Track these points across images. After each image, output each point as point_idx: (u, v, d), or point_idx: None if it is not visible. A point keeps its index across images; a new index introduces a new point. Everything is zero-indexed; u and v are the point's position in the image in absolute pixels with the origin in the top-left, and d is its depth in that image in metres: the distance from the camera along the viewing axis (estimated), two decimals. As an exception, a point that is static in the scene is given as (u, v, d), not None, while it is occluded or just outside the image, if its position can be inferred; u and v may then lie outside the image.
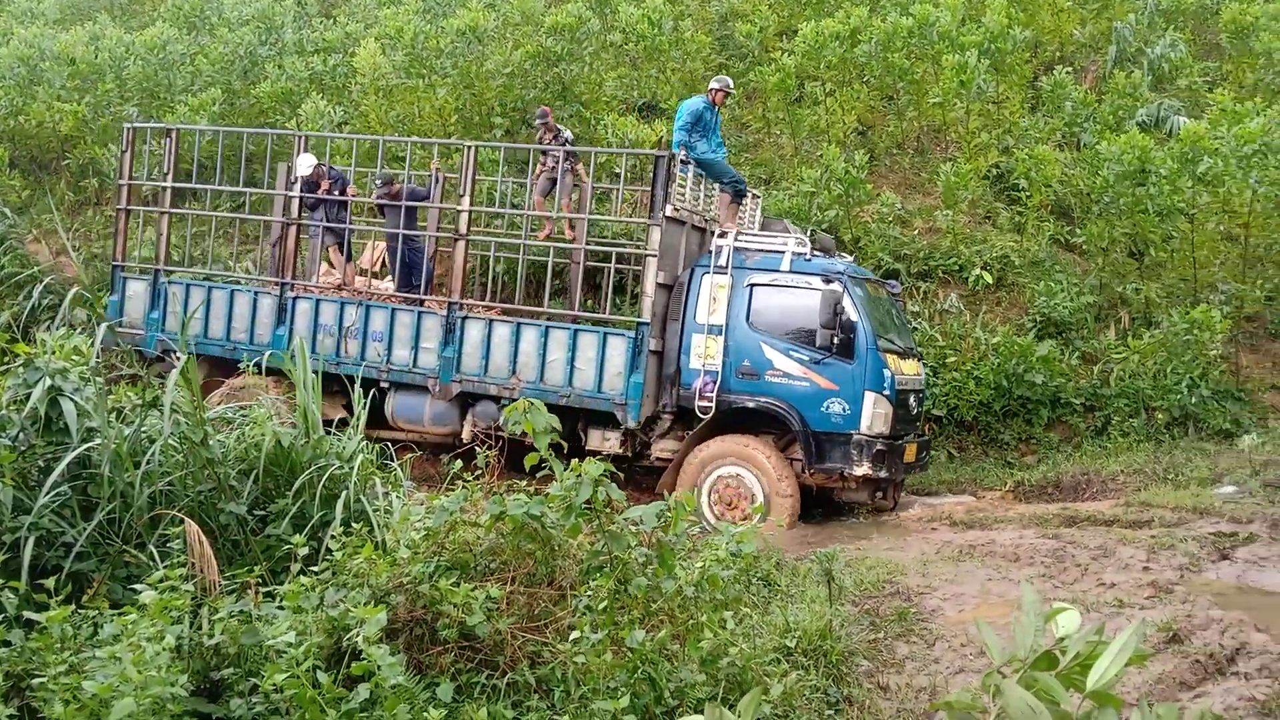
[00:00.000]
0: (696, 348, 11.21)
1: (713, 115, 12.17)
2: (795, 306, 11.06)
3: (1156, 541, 8.63)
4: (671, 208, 11.16)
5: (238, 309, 12.86)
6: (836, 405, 10.74)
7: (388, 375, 12.05)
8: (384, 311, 12.26)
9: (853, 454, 10.65)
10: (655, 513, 4.66)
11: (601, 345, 11.27)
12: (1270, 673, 5.43)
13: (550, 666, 4.41)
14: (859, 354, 10.80)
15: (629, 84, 18.53)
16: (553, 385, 11.36)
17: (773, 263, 11.26)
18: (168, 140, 13.66)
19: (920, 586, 7.63)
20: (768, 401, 10.99)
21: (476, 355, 11.71)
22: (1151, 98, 17.92)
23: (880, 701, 5.15)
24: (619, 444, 11.41)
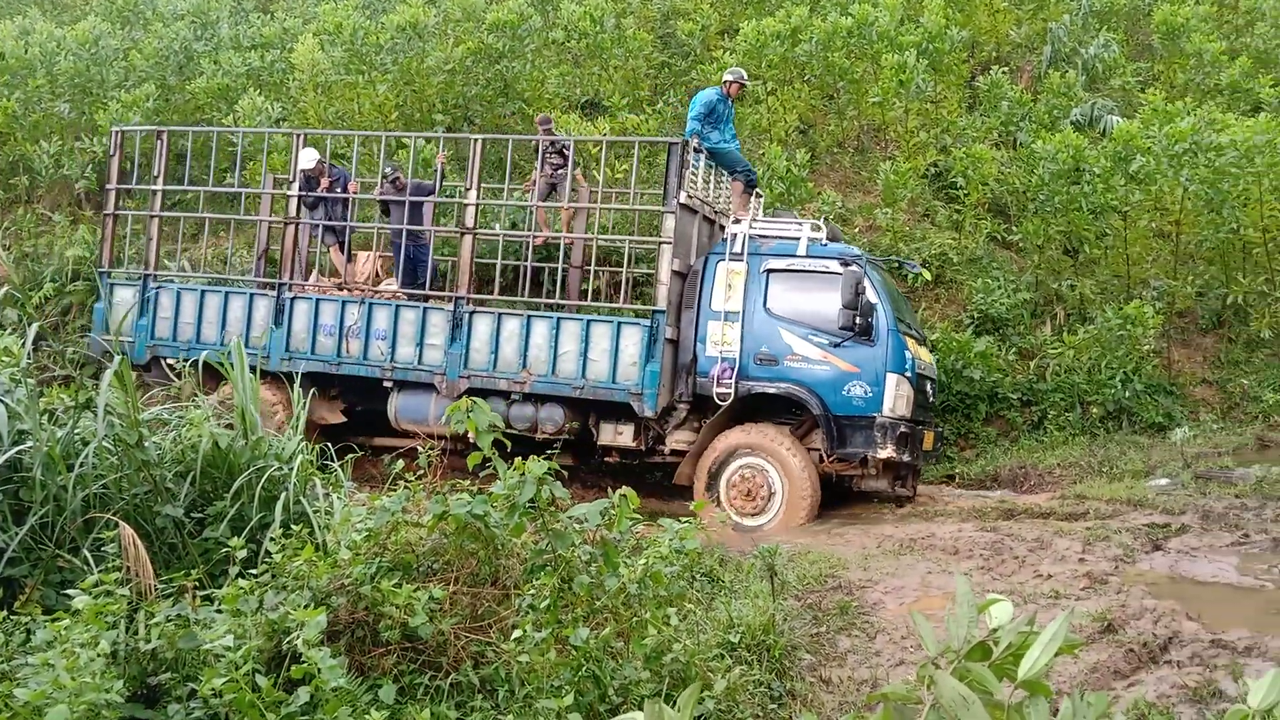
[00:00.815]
0: (713, 335, 11.07)
1: (726, 107, 12.12)
2: (813, 291, 10.95)
3: (1092, 533, 8.80)
4: (685, 194, 11.09)
5: (232, 312, 12.49)
6: (858, 388, 10.62)
7: (392, 374, 11.79)
8: (387, 309, 11.99)
9: (876, 437, 10.51)
10: (599, 510, 4.67)
11: (616, 335, 11.08)
12: (1201, 660, 5.57)
13: (494, 666, 4.40)
14: (879, 336, 10.70)
15: (571, 82, 18.50)
16: (565, 378, 11.17)
17: (788, 248, 11.16)
18: (159, 142, 13.23)
19: (862, 580, 7.71)
20: (787, 387, 10.85)
21: (485, 350, 11.49)
22: (1085, 97, 18.26)
23: (823, 695, 5.20)
24: (632, 437, 11.29)
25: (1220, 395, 14.76)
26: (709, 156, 11.76)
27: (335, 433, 11.62)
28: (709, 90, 12.25)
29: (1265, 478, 11.13)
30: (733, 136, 12.38)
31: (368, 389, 12.07)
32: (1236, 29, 20.35)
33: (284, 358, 12.07)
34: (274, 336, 12.18)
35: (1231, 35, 19.97)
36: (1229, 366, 15.13)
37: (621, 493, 4.78)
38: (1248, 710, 1.62)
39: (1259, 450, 12.73)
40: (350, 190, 12.96)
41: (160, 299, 12.75)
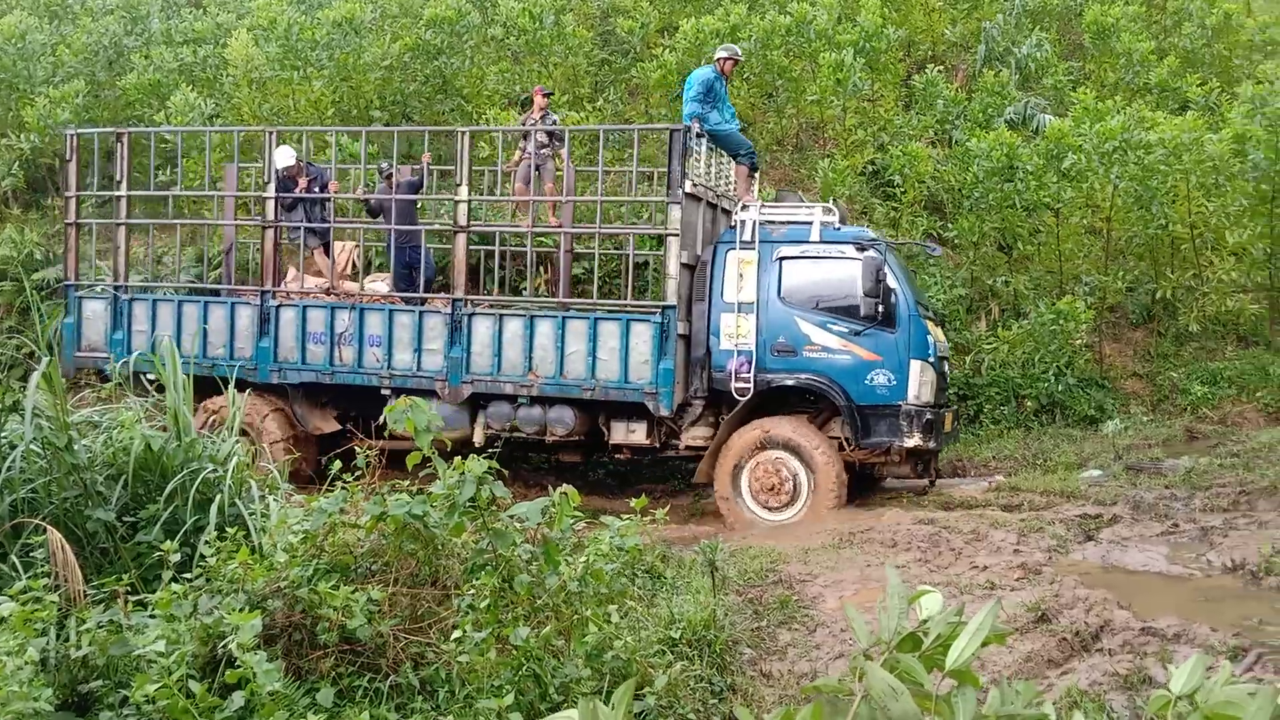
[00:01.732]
0: (726, 328, 10.69)
1: (722, 85, 11.71)
2: (829, 277, 10.63)
3: (1026, 525, 8.97)
4: (690, 183, 10.67)
5: (213, 323, 11.97)
6: (881, 376, 10.31)
7: (390, 381, 11.34)
8: (380, 314, 11.53)
9: (902, 426, 10.22)
10: (540, 509, 4.66)
11: (625, 333, 10.67)
12: (1132, 648, 5.69)
13: (434, 667, 4.37)
14: (901, 321, 10.39)
15: (511, 78, 18.42)
16: (574, 379, 10.79)
17: (801, 234, 10.79)
18: (119, 145, 12.47)
19: (802, 574, 7.78)
20: (808, 378, 10.53)
21: (487, 353, 11.08)
22: (1019, 96, 18.55)
23: (763, 689, 5.24)
24: (645, 435, 10.94)
25: (1150, 388, 15.10)
26: (710, 139, 11.34)
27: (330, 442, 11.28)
28: (703, 69, 11.84)
29: (1194, 469, 11.41)
30: (732, 116, 12.00)
31: (362, 396, 11.64)
32: (1165, 29, 20.81)
33: (273, 369, 11.68)
34: (260, 347, 11.73)
35: (1160, 35, 20.42)
36: (1158, 360, 15.49)
37: (562, 491, 4.77)
38: (1170, 695, 1.66)
39: (1188, 442, 13.06)
40: (330, 189, 12.54)
41: (134, 311, 12.21)
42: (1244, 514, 9.32)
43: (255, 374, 11.62)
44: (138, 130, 14.27)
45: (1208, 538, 8.50)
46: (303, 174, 12.48)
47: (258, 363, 11.70)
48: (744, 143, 12.03)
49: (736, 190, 11.94)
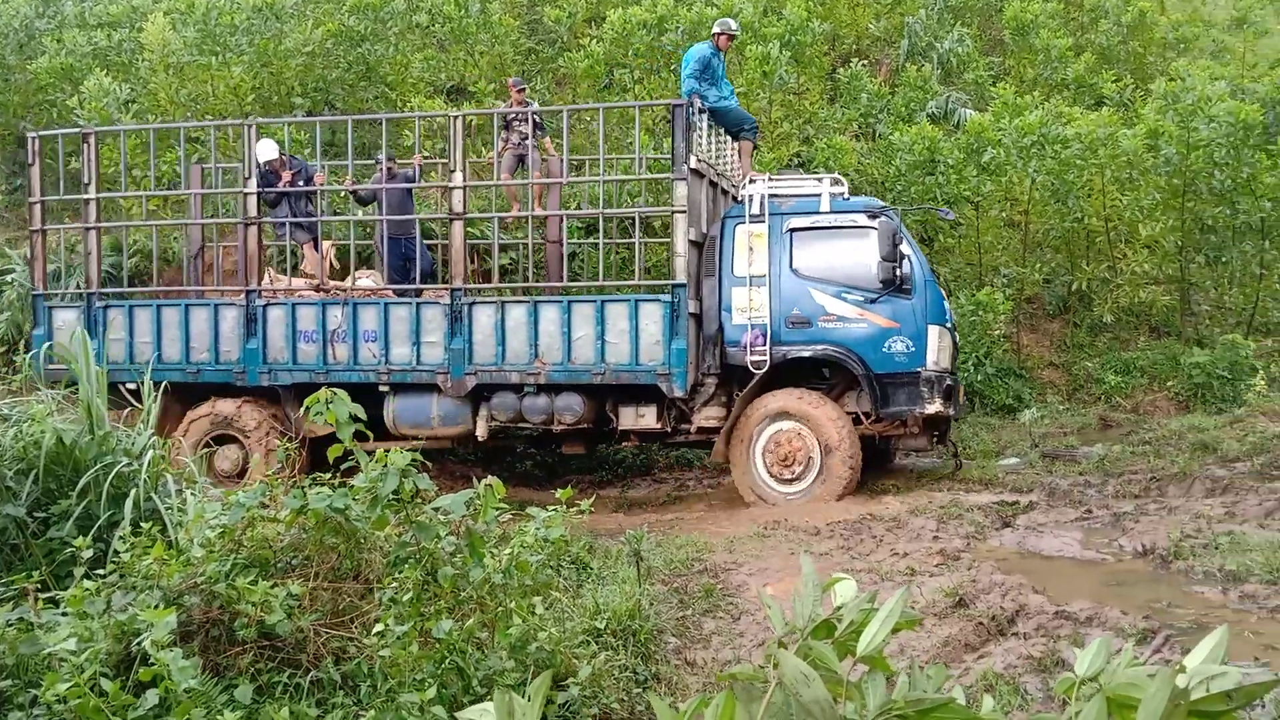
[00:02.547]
0: (738, 302, 10.56)
1: (719, 61, 11.54)
2: (842, 247, 10.51)
3: (945, 512, 9.14)
4: (695, 159, 10.53)
5: (195, 326, 11.54)
6: (899, 344, 10.22)
7: (388, 377, 11.04)
8: (375, 308, 11.18)
9: (922, 392, 10.13)
10: (464, 501, 4.63)
11: (634, 314, 10.46)
12: (1046, 632, 5.83)
13: (356, 662, 4.33)
14: (917, 287, 10.32)
15: (436, 66, 18.23)
16: (583, 364, 10.55)
17: (810, 205, 10.72)
18: (85, 146, 11.94)
19: (727, 563, 7.84)
20: (824, 349, 10.43)
21: (490, 343, 10.80)
22: (940, 90, 18.85)
23: (687, 677, 5.27)
24: (655, 419, 10.75)
25: (1066, 378, 15.46)
26: (710, 116, 11.15)
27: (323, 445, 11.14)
28: (699, 45, 11.65)
29: (1107, 456, 11.73)
30: (731, 92, 11.87)
31: (357, 395, 11.37)
32: (1082, 26, 21.30)
33: (262, 371, 11.31)
34: (248, 349, 11.36)
35: (1078, 32, 20.89)
36: (1074, 350, 15.87)
37: (487, 482, 4.75)
38: (1075, 678, 1.70)
39: (1101, 430, 13.41)
40: (317, 183, 12.10)
41: (110, 319, 11.74)
42: (1154, 500, 9.60)
43: (244, 377, 11.31)
44: (105, 129, 13.76)
45: (1120, 523, 8.73)
46: (286, 167, 12.03)
47: (246, 365, 11.33)
48: (746, 117, 11.90)
49: (740, 165, 11.82)
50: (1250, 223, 15.55)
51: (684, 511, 10.65)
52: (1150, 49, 20.97)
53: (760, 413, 10.40)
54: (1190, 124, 14.80)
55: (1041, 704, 4.76)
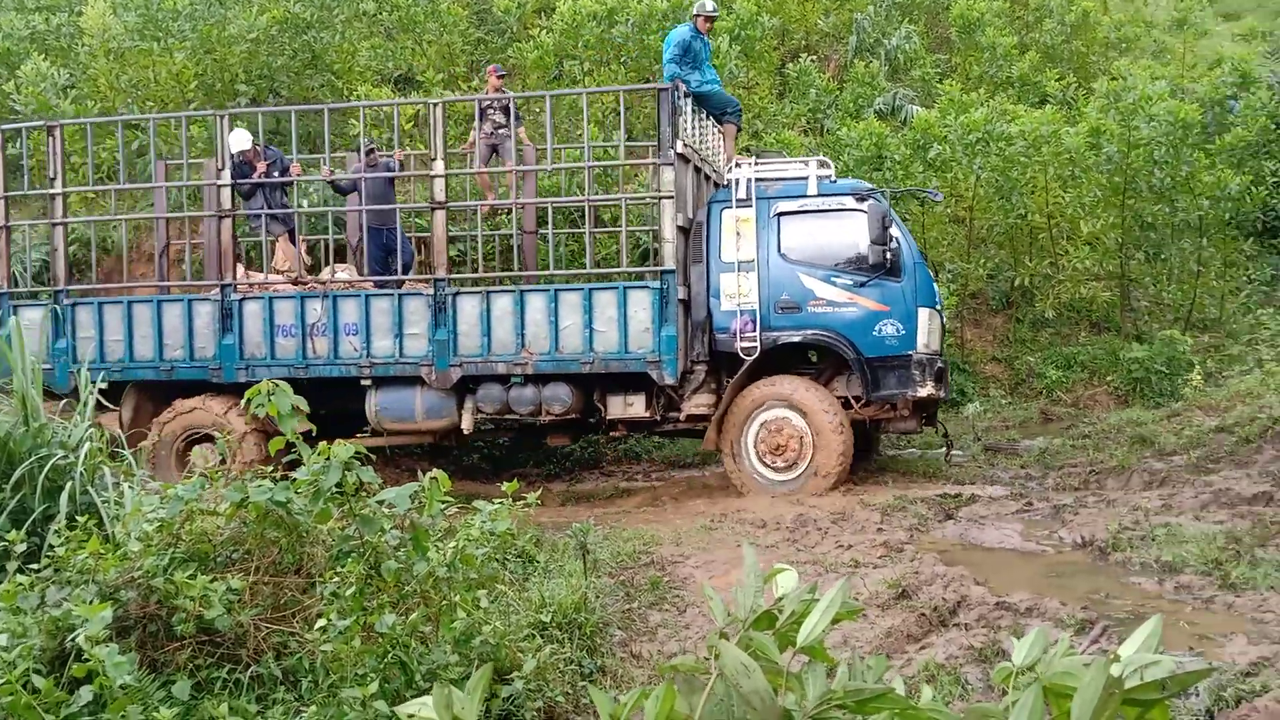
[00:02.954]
0: (727, 288, 10.46)
1: (701, 44, 11.35)
2: (830, 230, 10.45)
3: (889, 505, 9.22)
4: (681, 144, 10.39)
5: (168, 323, 11.23)
6: (889, 327, 10.17)
7: (371, 371, 10.83)
8: (356, 300, 10.95)
9: (914, 375, 10.12)
10: (409, 494, 4.59)
11: (622, 301, 10.33)
12: (987, 622, 5.90)
13: (297, 657, 4.28)
14: (906, 270, 10.28)
15: (383, 55, 18.05)
16: (571, 353, 10.43)
17: (798, 189, 10.60)
18: (50, 140, 11.57)
19: (674, 556, 7.87)
20: (815, 333, 10.39)
21: (475, 333, 10.64)
22: (888, 87, 19.01)
23: (633, 670, 5.27)
24: (644, 407, 10.64)
25: (1009, 372, 15.67)
26: (694, 101, 11.01)
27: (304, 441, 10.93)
28: (680, 29, 11.47)
29: (1047, 449, 11.91)
30: (714, 76, 11.69)
31: (334, 389, 11.08)
32: (1027, 25, 21.58)
33: (239, 368, 11.04)
34: (224, 345, 11.09)
35: (1022, 31, 21.17)
36: (1016, 345, 16.09)
37: (432, 475, 4.71)
38: (1013, 667, 1.71)
39: (1042, 423, 13.61)
40: (293, 173, 11.79)
41: (78, 317, 11.43)
42: (1094, 492, 9.77)
43: (220, 374, 11.07)
44: (70, 122, 13.35)
45: (1060, 515, 8.87)
46: (260, 158, 11.72)
47: (222, 362, 11.07)
48: (730, 101, 11.78)
49: (724, 150, 11.74)
50: (1188, 220, 15.86)
51: (632, 504, 10.65)
52: (1093, 48, 21.30)
53: (750, 400, 10.35)
54: (1131, 123, 15.05)
55: (982, 694, 4.82)
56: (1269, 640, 5.28)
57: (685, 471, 12.68)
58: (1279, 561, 6.69)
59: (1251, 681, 4.71)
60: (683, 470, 12.75)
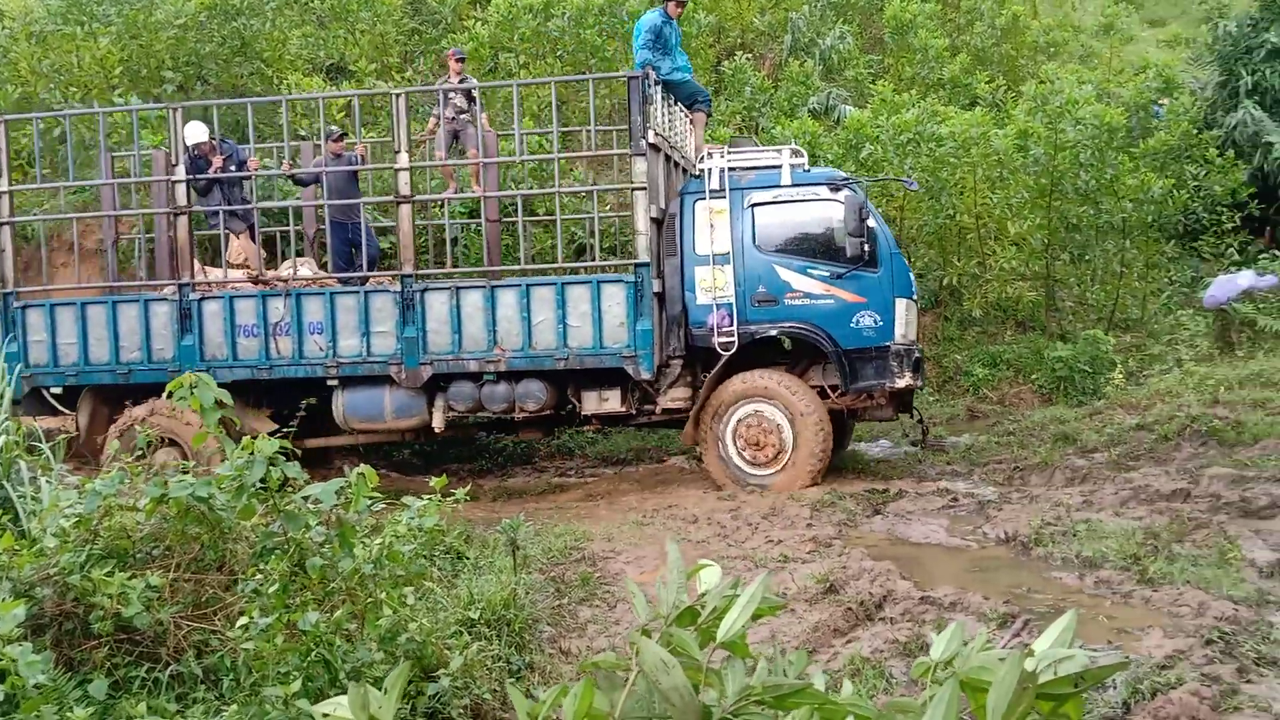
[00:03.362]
0: (702, 281, 10.28)
1: (672, 30, 11.11)
2: (806, 221, 10.33)
3: (818, 500, 9.31)
4: (653, 133, 10.17)
5: (124, 324, 10.86)
6: (867, 318, 10.07)
7: (337, 370, 10.55)
8: (320, 298, 10.61)
9: (891, 366, 10.03)
10: (334, 490, 4.53)
11: (596, 296, 10.14)
12: (911, 616, 5.99)
13: (218, 655, 4.21)
14: (883, 261, 10.16)
15: (315, 44, 17.77)
16: (545, 349, 10.23)
17: (771, 179, 10.41)
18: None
19: (605, 551, 7.87)
20: (792, 326, 10.26)
21: (445, 330, 10.39)
22: (822, 86, 19.15)
23: (562, 666, 5.27)
24: (620, 402, 10.46)
25: (937, 369, 15.87)
26: (664, 89, 10.77)
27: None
28: (650, 14, 11.22)
29: (973, 445, 12.11)
30: (686, 63, 11.46)
31: (297, 389, 10.66)
32: (958, 28, 21.88)
33: (200, 369, 10.76)
34: (183, 346, 10.75)
35: (954, 33, 21.45)
36: (944, 343, 16.31)
37: (359, 471, 4.65)
38: (931, 662, 1.73)
39: (969, 420, 13.82)
40: (250, 168, 11.40)
41: (29, 319, 11.01)
42: (1017, 488, 9.95)
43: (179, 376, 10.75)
44: (14, 117, 12.79)
45: (984, 511, 9.02)
46: (216, 152, 11.33)
47: (181, 364, 10.63)
48: (700, 90, 11.54)
49: (694, 139, 11.53)
50: (1112, 222, 16.19)
51: (564, 500, 10.63)
52: (1022, 52, 21.66)
53: (728, 395, 10.23)
54: (1058, 126, 15.32)
55: (905, 687, 4.89)
56: (1184, 634, 5.42)
57: (618, 467, 12.67)
58: (1195, 557, 6.87)
59: (1167, 674, 4.83)
60: (615, 466, 12.74)
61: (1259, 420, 10.70)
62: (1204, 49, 20.48)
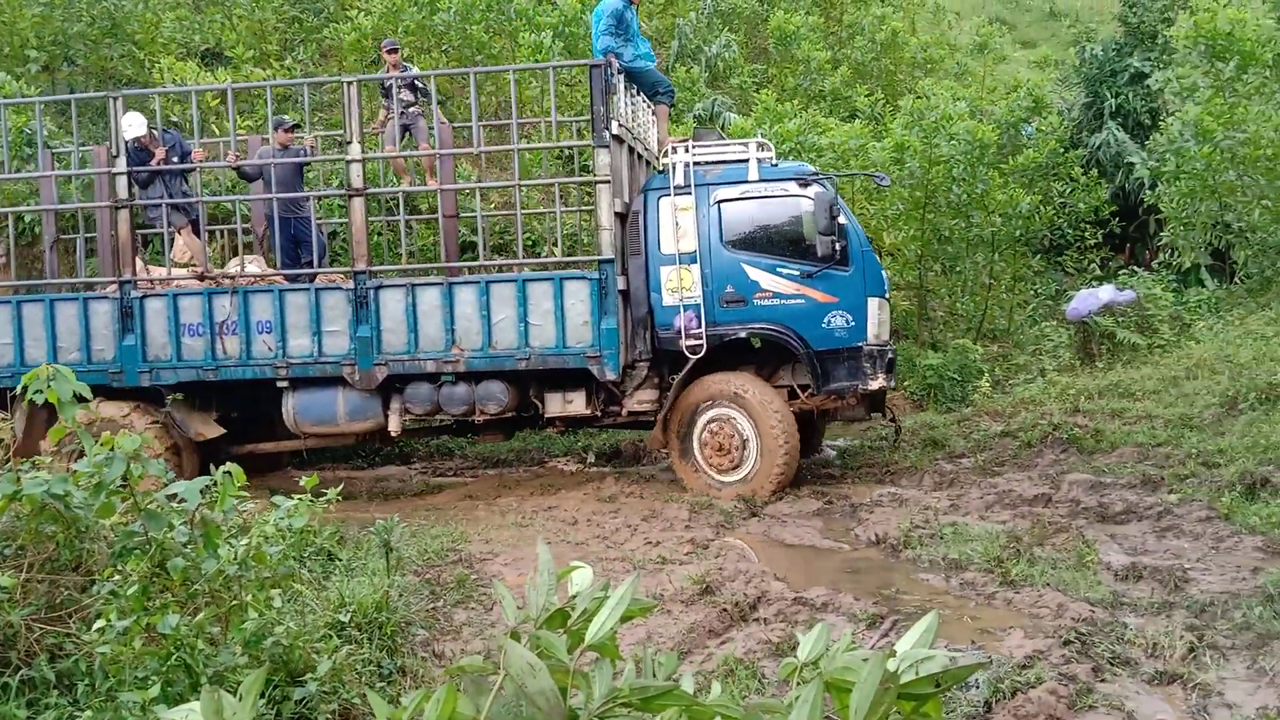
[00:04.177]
0: (668, 282, 9.86)
1: (633, 17, 10.65)
2: (774, 218, 9.98)
3: (697, 502, 9.39)
4: (617, 124, 9.78)
5: (62, 323, 10.38)
6: (839, 319, 9.73)
7: (287, 371, 10.06)
8: (268, 296, 10.11)
9: (865, 368, 9.71)
10: (199, 488, 4.38)
11: (558, 293, 9.68)
12: (785, 617, 6.09)
13: (73, 659, 4.03)
14: (855, 259, 9.83)
15: (190, 27, 17.24)
16: (505, 349, 9.77)
17: (738, 173, 10.02)
18: None
19: (483, 553, 7.81)
20: (761, 327, 9.85)
21: (401, 329, 9.90)
22: (708, 93, 19.34)
23: (435, 669, 5.19)
24: (584, 404, 10.07)
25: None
26: (626, 77, 10.29)
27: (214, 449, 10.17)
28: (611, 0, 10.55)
29: (848, 450, 12.36)
30: (648, 51, 10.99)
31: (245, 392, 10.36)
32: (840, 41, 22.36)
33: (142, 371, 10.18)
34: (124, 347, 10.21)
35: (836, 46, 21.91)
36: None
37: (225, 469, 4.51)
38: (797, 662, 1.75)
39: (844, 425, 14.08)
40: (194, 159, 10.83)
41: None
42: (889, 492, 10.18)
43: (120, 378, 10.23)
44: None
45: (856, 514, 9.22)
46: (158, 144, 10.76)
47: (123, 364, 10.22)
48: (662, 80, 11.13)
49: (656, 132, 11.14)
50: (982, 235, 16.72)
51: (442, 501, 10.49)
52: (900, 67, 22.23)
53: (694, 400, 9.94)
54: (933, 140, 15.76)
55: (777, 687, 4.96)
56: (1043, 634, 5.62)
57: (498, 468, 12.57)
58: (1055, 560, 7.14)
59: (1027, 673, 5.01)
60: (495, 467, 12.64)
61: (1116, 429, 11.18)
62: (1072, 71, 21.36)
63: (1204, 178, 15.23)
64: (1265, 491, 8.38)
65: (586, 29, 17.79)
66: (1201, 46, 15.52)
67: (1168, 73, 16.72)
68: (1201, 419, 11.04)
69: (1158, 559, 7.20)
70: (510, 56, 17.50)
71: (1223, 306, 15.60)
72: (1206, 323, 14.93)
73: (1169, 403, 11.89)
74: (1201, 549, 7.38)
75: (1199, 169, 15.13)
